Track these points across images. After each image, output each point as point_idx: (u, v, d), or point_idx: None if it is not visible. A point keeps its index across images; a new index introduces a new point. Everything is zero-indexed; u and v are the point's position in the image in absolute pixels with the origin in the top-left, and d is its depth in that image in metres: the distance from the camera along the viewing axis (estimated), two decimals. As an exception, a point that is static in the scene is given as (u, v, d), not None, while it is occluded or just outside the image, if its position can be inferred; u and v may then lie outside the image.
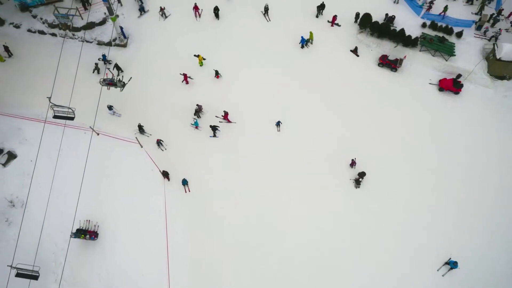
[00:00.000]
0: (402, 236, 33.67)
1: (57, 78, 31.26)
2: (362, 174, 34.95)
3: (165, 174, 34.95)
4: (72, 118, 30.27)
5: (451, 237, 33.68)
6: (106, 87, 33.65)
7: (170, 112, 37.88)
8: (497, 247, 33.51)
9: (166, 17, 42.53)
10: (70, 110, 29.58)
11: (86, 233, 32.43)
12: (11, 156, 35.54)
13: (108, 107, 36.79)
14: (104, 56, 39.24)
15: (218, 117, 37.46)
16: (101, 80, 33.46)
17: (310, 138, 37.25)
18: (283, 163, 36.06)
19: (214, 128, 36.39)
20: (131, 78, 35.54)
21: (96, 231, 32.91)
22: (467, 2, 43.99)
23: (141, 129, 36.40)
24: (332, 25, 42.45)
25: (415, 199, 35.09)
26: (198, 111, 37.43)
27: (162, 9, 42.01)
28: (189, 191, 34.72)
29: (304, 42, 40.90)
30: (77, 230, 32.26)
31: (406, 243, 33.47)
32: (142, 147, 36.19)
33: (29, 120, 36.69)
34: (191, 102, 37.83)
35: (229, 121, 37.47)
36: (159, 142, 36.16)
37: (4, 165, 35.14)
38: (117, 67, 38.73)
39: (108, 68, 37.87)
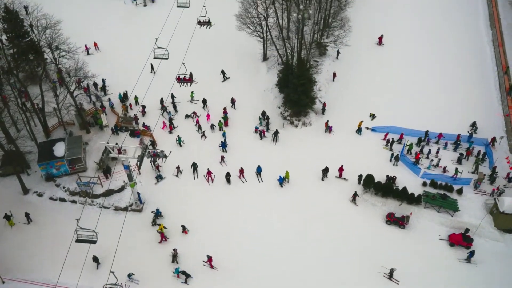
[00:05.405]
0: None
1: (73, 243, 32.06)
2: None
3: None
4: None
5: None
6: (151, 158, 38.88)
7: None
8: None
9: (181, 173, 45.98)
10: None
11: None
12: (15, 325, 34.13)
13: (128, 275, 36.44)
14: (157, 210, 41.73)
15: (204, 263, 37.93)
16: (147, 152, 36.98)
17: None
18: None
19: (186, 275, 36.64)
20: (171, 152, 39.80)
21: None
22: (456, 162, 46.93)
23: None
24: (340, 176, 45.26)
25: None
26: (174, 256, 37.89)
27: (178, 168, 45.73)
28: None
29: (281, 181, 44.06)
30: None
31: None
32: (152, 312, 34.98)
33: (39, 285, 36.19)
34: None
35: (211, 267, 37.63)
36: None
37: (5, 335, 33.49)
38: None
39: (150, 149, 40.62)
